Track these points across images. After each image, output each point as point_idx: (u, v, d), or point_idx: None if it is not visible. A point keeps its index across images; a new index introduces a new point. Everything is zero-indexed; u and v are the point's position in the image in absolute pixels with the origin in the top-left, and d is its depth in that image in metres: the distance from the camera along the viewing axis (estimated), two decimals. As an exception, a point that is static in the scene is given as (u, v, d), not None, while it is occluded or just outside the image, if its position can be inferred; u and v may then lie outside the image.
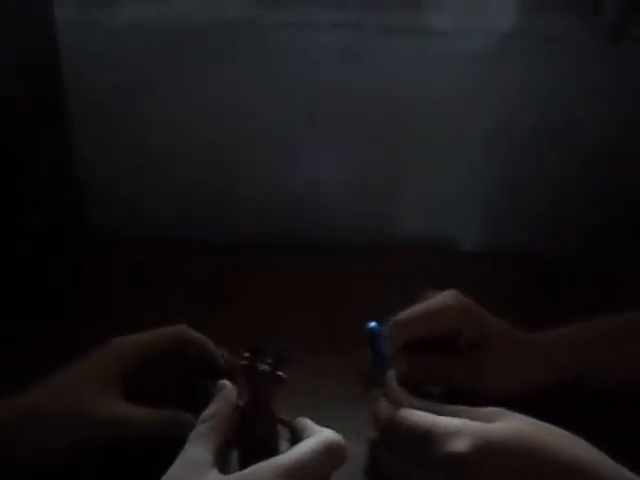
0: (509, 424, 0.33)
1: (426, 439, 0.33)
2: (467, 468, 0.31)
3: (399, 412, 0.35)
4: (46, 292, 0.60)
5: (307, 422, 0.35)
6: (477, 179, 0.75)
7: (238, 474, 0.30)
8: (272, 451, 0.31)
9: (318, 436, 0.32)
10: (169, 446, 0.33)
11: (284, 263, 0.67)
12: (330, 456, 0.31)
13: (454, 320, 0.43)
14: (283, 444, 0.37)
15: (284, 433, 0.37)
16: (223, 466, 0.32)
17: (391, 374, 0.38)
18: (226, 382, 0.37)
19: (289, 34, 0.67)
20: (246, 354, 0.37)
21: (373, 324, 0.38)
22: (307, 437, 0.33)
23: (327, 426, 0.35)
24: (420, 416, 0.34)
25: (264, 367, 0.36)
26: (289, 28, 0.67)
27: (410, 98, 0.70)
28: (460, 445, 0.31)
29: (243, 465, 0.31)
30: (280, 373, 0.36)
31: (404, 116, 0.71)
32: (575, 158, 0.72)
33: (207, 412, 0.34)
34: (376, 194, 0.75)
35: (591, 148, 0.72)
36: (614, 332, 0.47)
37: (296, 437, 0.35)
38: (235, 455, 0.35)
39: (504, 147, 0.73)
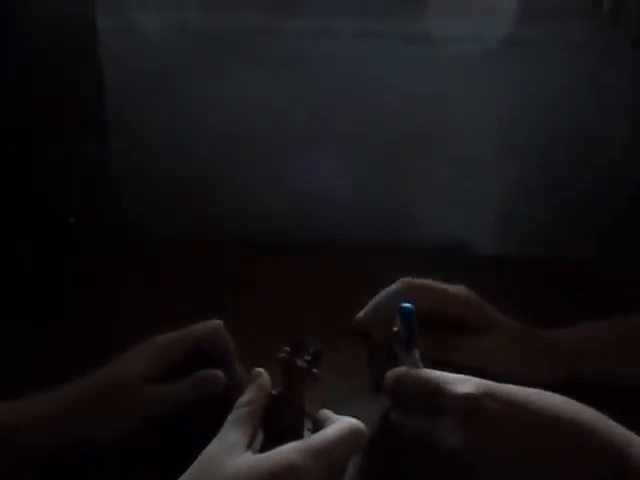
0: (515, 386, 0.36)
1: (436, 389, 0.36)
2: (474, 408, 0.34)
3: (411, 371, 0.39)
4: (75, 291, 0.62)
5: (329, 413, 0.37)
6: (492, 183, 0.76)
7: (267, 454, 0.32)
8: (296, 439, 0.33)
9: (341, 422, 0.34)
10: (205, 430, 0.35)
11: (300, 263, 0.69)
12: (352, 440, 0.33)
13: (461, 305, 0.46)
14: (305, 434, 0.39)
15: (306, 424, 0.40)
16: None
17: (417, 353, 0.40)
18: (261, 371, 0.39)
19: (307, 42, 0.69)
20: (286, 348, 0.39)
21: (407, 304, 0.40)
22: (329, 425, 0.35)
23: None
24: (429, 372, 0.38)
25: (302, 363, 0.38)
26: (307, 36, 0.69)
27: (426, 104, 0.72)
28: (468, 388, 0.34)
29: (267, 449, 0.33)
30: (315, 371, 0.39)
31: (419, 121, 0.73)
32: (588, 162, 0.74)
33: (243, 398, 0.37)
34: (392, 197, 0.77)
35: (604, 152, 0.73)
36: (617, 334, 0.49)
37: (317, 427, 0.37)
38: (259, 438, 0.37)
39: (519, 151, 0.74)
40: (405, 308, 0.40)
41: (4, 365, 0.50)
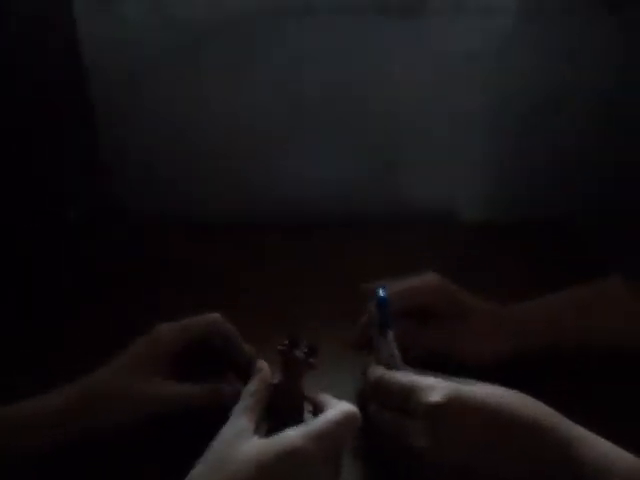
0: (480, 386, 0.39)
1: (408, 393, 0.39)
2: (441, 415, 0.37)
3: (386, 373, 0.42)
4: (81, 280, 0.64)
5: (328, 397, 0.41)
6: (481, 150, 0.78)
7: (273, 438, 0.35)
8: (298, 423, 0.36)
9: (338, 407, 0.38)
10: (208, 422, 0.38)
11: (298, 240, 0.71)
12: (348, 422, 0.37)
13: (430, 295, 0.50)
14: (306, 415, 0.42)
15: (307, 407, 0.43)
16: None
17: (391, 336, 0.45)
18: (264, 364, 0.43)
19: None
20: (285, 342, 0.43)
21: (383, 291, 0.46)
22: (327, 409, 0.38)
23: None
24: (403, 375, 0.41)
25: (299, 354, 0.42)
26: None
27: (411, 74, 0.73)
28: (436, 396, 0.37)
29: (272, 433, 0.36)
30: (312, 360, 0.43)
31: (406, 92, 0.74)
32: (573, 125, 0.75)
33: (248, 389, 0.40)
34: (382, 170, 0.78)
35: (589, 116, 0.74)
36: (588, 298, 0.52)
37: (317, 410, 0.40)
38: (264, 425, 0.40)
39: (507, 118, 0.76)
40: (380, 297, 0.46)
41: (21, 365, 0.52)
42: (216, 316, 0.47)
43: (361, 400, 0.47)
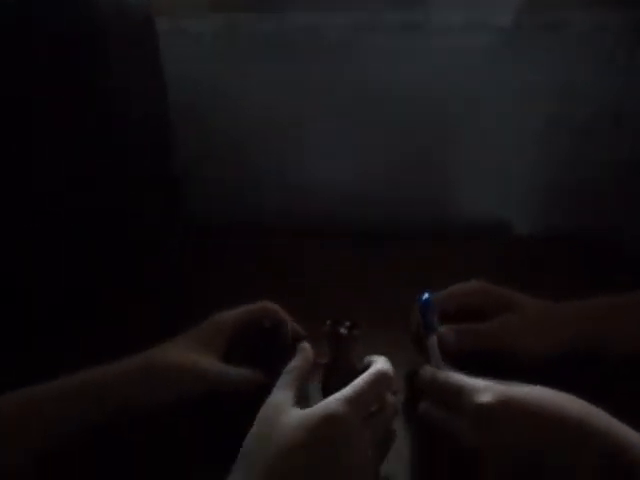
0: (529, 388, 0.39)
1: (458, 393, 0.40)
2: (491, 417, 0.37)
3: (439, 372, 0.44)
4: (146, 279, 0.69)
5: (370, 359, 0.44)
6: (531, 162, 0.78)
7: (311, 408, 0.38)
8: None
9: (371, 369, 0.41)
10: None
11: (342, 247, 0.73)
12: (380, 383, 0.40)
13: (476, 296, 0.51)
14: None
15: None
16: (305, 406, 0.39)
17: (434, 339, 0.47)
18: (306, 344, 0.47)
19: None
20: (328, 322, 0.47)
21: (427, 295, 0.48)
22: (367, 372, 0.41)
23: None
24: (454, 376, 0.42)
25: (343, 330, 0.47)
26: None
27: (458, 85, 0.74)
28: (486, 398, 0.38)
29: None
30: (355, 332, 0.47)
31: (452, 101, 0.75)
32: (629, 141, 0.74)
33: (289, 366, 0.44)
34: (427, 178, 0.79)
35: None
36: (636, 303, 0.51)
37: None
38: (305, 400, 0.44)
39: (560, 130, 0.76)
40: (422, 300, 0.48)
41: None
42: (268, 303, 0.51)
43: (407, 402, 0.50)
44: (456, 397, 0.40)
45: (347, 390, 0.39)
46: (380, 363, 0.42)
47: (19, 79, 0.54)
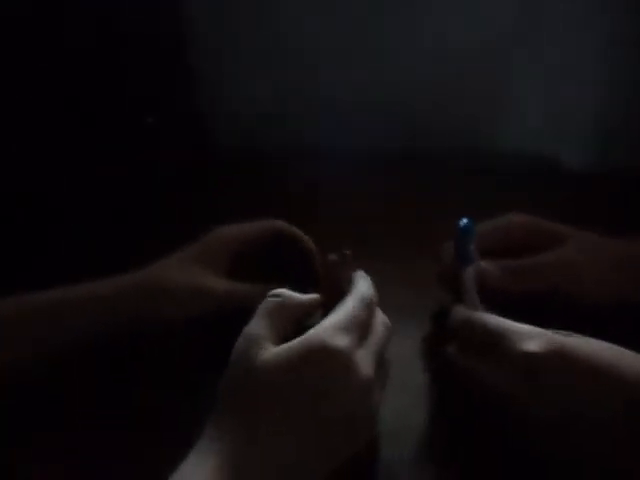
0: (582, 339, 0.33)
1: (500, 338, 0.34)
2: (538, 368, 0.32)
3: (475, 313, 0.38)
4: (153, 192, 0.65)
5: (356, 276, 0.38)
6: (582, 96, 0.70)
7: (293, 341, 0.32)
8: None
9: (354, 293, 0.36)
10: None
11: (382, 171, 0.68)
12: (366, 306, 0.35)
13: (521, 229, 0.44)
14: None
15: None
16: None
17: (470, 272, 0.40)
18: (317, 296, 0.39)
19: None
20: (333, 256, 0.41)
21: (465, 220, 0.40)
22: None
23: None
24: (495, 318, 0.36)
25: (332, 257, 0.40)
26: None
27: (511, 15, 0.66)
28: (534, 345, 0.32)
29: None
30: (347, 251, 0.40)
31: (503, 30, 0.67)
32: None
33: (279, 290, 0.36)
34: (473, 110, 0.72)
35: None
36: None
37: None
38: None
39: (615, 65, 0.67)
40: (461, 226, 0.40)
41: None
42: (281, 222, 0.46)
43: (429, 344, 0.44)
44: (495, 343, 0.34)
45: (335, 316, 0.33)
46: (362, 284, 0.36)
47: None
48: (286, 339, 0.32)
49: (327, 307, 0.37)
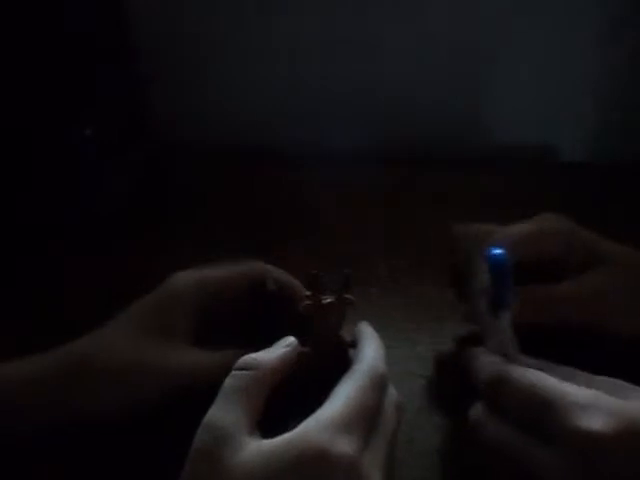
0: None
1: (548, 408, 0.27)
2: (602, 452, 0.25)
3: (510, 370, 0.29)
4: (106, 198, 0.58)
5: (361, 333, 0.32)
6: (582, 83, 0.68)
7: (279, 438, 0.24)
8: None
9: (360, 366, 0.29)
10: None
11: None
12: (375, 386, 0.28)
13: (560, 243, 0.36)
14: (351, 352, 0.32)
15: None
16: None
17: (507, 317, 0.31)
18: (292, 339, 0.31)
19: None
20: (307, 293, 0.32)
21: (499, 251, 0.31)
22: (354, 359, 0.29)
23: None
24: (539, 377, 0.28)
25: (329, 299, 0.32)
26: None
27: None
28: (598, 422, 0.25)
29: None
30: (348, 296, 0.32)
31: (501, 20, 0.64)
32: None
33: (249, 358, 0.28)
34: (471, 99, 0.69)
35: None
36: None
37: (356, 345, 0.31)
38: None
39: (615, 50, 0.65)
40: (495, 256, 0.31)
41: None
42: (260, 264, 0.35)
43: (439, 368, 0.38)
44: (540, 411, 0.27)
45: (330, 405, 0.26)
46: (369, 349, 0.29)
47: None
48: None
49: (318, 358, 0.31)
